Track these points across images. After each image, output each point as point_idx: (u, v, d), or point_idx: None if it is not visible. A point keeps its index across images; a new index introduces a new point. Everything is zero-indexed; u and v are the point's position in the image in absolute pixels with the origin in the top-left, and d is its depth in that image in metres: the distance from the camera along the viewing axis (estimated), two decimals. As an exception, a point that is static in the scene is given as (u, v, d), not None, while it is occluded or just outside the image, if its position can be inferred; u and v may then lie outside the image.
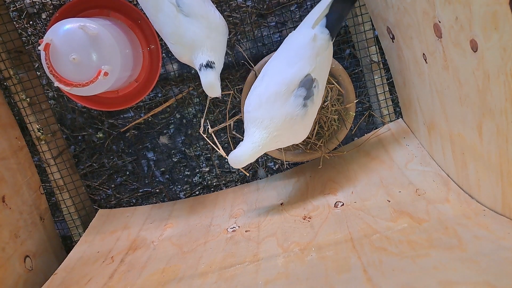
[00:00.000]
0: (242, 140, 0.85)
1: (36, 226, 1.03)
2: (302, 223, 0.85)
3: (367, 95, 1.15)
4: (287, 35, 0.90)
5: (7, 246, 0.91)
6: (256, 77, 1.01)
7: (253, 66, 1.02)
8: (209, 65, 0.86)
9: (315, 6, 0.89)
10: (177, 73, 1.14)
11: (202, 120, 1.08)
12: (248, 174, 1.17)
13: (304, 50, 0.83)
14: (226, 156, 0.89)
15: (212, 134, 1.05)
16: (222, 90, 1.15)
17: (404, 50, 0.89)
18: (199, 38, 0.86)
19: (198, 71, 0.87)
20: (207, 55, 0.86)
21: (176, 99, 1.15)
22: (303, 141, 1.05)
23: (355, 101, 1.02)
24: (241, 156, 0.82)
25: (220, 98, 0.95)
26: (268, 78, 0.84)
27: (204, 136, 1.07)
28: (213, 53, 0.87)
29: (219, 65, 0.89)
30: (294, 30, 0.90)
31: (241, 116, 1.10)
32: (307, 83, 0.82)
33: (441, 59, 0.72)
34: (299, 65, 0.83)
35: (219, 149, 0.99)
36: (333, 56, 1.01)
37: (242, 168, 0.87)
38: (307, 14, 0.90)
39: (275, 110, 0.81)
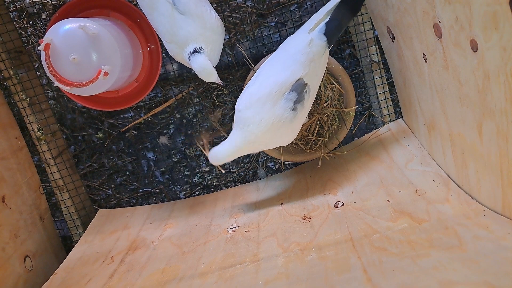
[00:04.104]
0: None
1: (36, 226, 1.03)
2: (302, 223, 0.85)
3: (367, 95, 1.15)
4: (287, 35, 0.90)
5: (7, 246, 0.91)
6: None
7: (253, 66, 1.02)
8: (196, 50, 0.85)
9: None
10: (177, 73, 1.14)
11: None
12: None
13: (300, 54, 0.83)
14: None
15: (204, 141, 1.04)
16: (223, 90, 1.15)
17: (404, 50, 0.89)
18: (192, 37, 0.85)
19: (188, 62, 0.87)
20: (195, 44, 0.86)
21: (176, 99, 1.15)
22: (303, 141, 1.05)
23: (354, 104, 1.02)
24: (219, 154, 0.86)
25: (222, 83, 0.93)
26: (262, 78, 0.85)
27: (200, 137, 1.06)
28: (204, 45, 0.86)
29: (212, 56, 0.88)
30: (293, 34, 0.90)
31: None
32: (299, 87, 0.83)
33: (441, 59, 0.72)
34: (292, 68, 0.83)
35: (205, 150, 0.99)
36: (333, 56, 1.01)
37: (219, 166, 0.88)
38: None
39: (265, 111, 0.82)
